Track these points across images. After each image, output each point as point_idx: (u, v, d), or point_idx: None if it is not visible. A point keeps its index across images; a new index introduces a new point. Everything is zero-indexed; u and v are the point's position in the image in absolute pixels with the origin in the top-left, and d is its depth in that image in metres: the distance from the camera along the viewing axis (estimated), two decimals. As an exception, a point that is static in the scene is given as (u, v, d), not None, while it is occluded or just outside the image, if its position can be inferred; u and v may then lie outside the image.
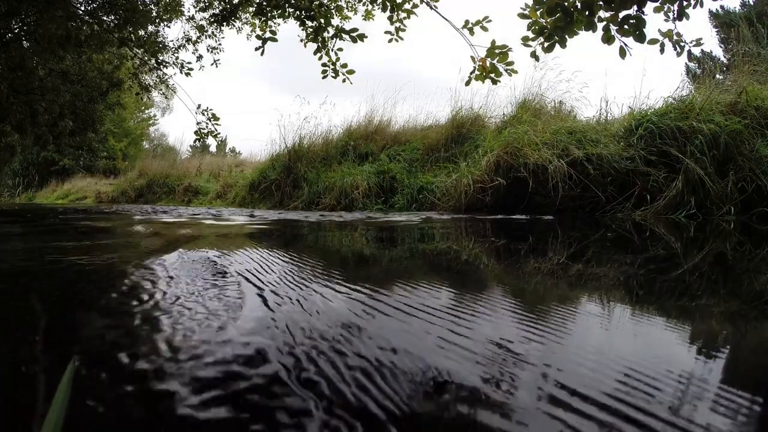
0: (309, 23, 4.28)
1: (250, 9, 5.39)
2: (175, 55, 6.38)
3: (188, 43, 6.32)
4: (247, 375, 0.50)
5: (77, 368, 0.50)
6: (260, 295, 0.87)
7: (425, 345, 0.61)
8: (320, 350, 0.57)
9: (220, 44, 6.33)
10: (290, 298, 0.85)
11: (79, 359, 0.53)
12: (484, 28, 3.22)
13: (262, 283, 0.99)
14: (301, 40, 4.33)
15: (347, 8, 4.70)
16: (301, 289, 0.94)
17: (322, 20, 4.21)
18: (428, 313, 0.76)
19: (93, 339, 0.63)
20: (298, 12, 4.33)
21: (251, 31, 5.92)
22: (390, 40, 3.94)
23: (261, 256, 1.40)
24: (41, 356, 0.56)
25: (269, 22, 4.75)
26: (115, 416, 0.41)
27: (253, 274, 1.09)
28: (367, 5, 4.71)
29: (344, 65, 4.14)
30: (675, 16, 2.32)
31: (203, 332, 0.64)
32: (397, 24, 3.99)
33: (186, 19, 6.41)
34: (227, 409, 0.42)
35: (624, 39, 2.26)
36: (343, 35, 4.10)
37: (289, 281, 1.02)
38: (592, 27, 2.28)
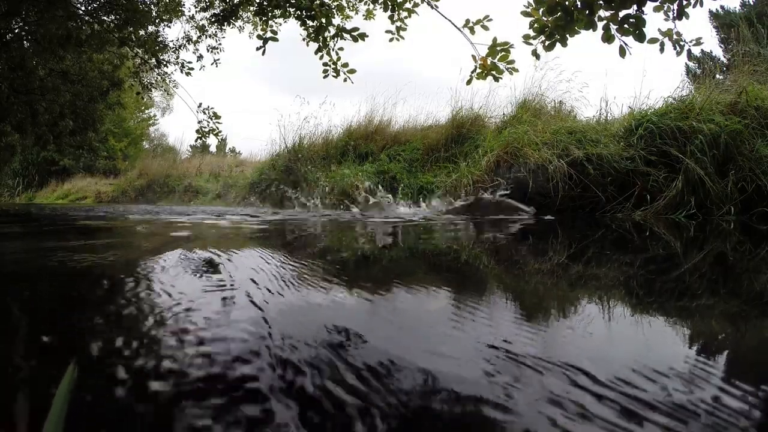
0: (310, 23, 4.28)
1: (251, 9, 5.39)
2: (176, 54, 6.39)
3: (189, 43, 6.32)
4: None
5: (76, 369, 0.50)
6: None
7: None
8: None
9: (220, 44, 6.33)
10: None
11: (78, 360, 0.53)
12: (485, 27, 3.22)
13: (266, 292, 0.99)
14: (303, 39, 4.33)
15: (348, 8, 4.71)
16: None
17: (323, 20, 4.21)
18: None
19: (92, 343, 0.64)
20: (298, 12, 4.33)
21: (252, 31, 5.94)
22: (391, 39, 3.95)
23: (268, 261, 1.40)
24: (41, 357, 0.56)
25: (270, 22, 4.76)
26: (117, 414, 0.41)
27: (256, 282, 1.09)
28: (368, 4, 4.71)
29: (345, 64, 4.14)
30: (675, 15, 2.33)
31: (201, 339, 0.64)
32: (398, 23, 4.00)
33: (186, 20, 6.42)
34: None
35: (624, 38, 2.26)
36: (344, 35, 4.10)
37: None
38: (592, 26, 2.29)
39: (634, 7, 2.20)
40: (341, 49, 4.21)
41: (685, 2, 2.31)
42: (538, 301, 0.99)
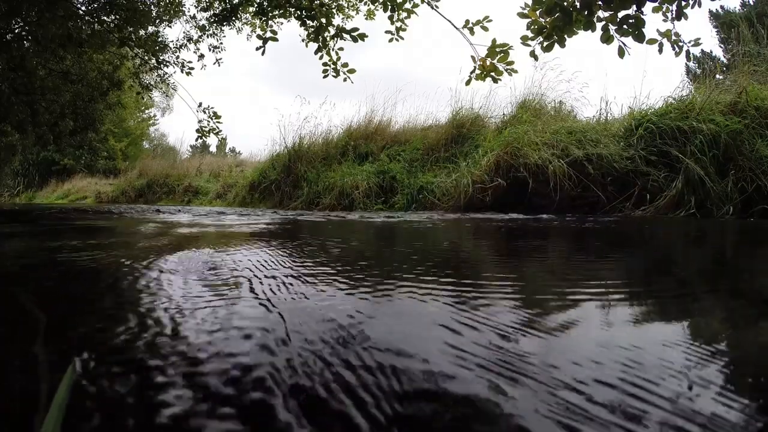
0: (310, 23, 4.28)
1: (251, 9, 5.40)
2: (176, 54, 6.39)
3: (189, 43, 6.32)
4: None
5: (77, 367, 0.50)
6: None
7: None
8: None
9: (221, 43, 6.33)
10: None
11: (80, 361, 0.53)
12: (485, 28, 3.22)
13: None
14: (302, 40, 4.33)
15: (349, 8, 4.71)
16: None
17: (323, 20, 4.21)
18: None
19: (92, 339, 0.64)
20: (298, 12, 4.33)
21: (251, 31, 5.94)
22: (390, 40, 3.95)
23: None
24: (40, 356, 0.56)
25: (270, 22, 4.76)
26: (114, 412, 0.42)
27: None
28: (369, 5, 4.72)
29: (345, 64, 4.14)
30: (674, 16, 2.33)
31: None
32: (398, 23, 4.00)
33: (186, 20, 6.42)
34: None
35: (623, 39, 2.27)
36: (344, 35, 4.10)
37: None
38: (591, 27, 2.29)
39: (633, 7, 2.20)
40: (341, 49, 4.21)
41: (683, 2, 2.31)
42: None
